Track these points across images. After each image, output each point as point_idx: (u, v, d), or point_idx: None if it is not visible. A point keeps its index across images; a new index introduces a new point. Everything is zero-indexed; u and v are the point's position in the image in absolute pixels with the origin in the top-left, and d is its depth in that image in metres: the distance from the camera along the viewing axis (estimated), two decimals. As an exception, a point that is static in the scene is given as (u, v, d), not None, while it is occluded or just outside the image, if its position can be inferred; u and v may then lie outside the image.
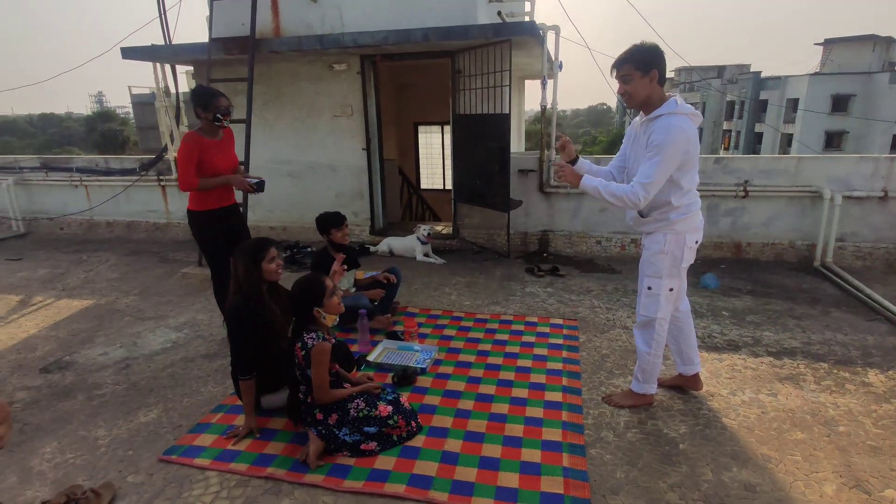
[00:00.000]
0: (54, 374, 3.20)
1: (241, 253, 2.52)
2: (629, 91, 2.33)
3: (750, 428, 2.51)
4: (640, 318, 2.59)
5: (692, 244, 2.44)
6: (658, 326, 2.53)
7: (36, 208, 7.36)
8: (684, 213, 2.39)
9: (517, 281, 4.76)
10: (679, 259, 2.43)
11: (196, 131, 3.25)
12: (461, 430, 2.50)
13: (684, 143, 2.23)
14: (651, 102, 2.34)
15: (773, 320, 3.79)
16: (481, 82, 5.21)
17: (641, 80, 2.29)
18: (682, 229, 2.40)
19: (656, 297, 2.49)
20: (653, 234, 2.47)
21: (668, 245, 2.41)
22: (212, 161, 3.22)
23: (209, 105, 3.19)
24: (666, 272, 2.45)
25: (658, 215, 2.42)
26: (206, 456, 2.35)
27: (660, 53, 2.30)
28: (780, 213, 5.19)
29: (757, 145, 34.80)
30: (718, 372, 3.05)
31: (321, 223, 3.69)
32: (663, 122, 2.26)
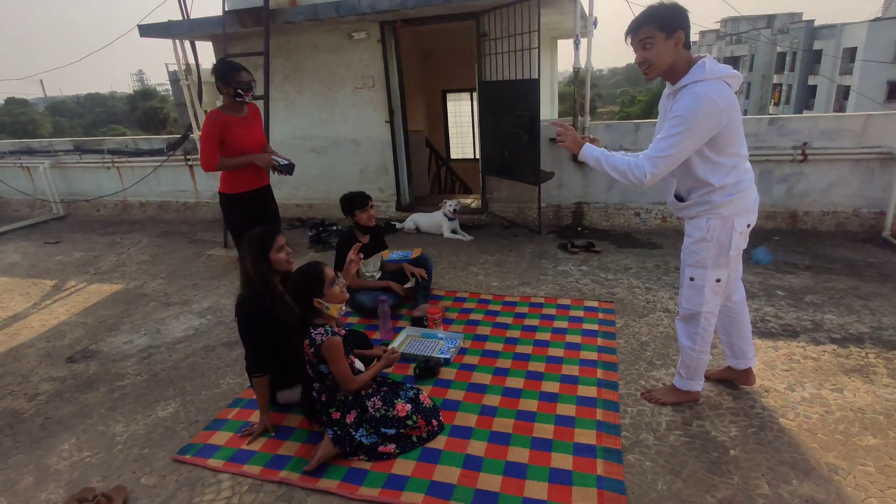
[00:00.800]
0: (79, 363, 3.19)
1: (247, 244, 2.37)
2: (650, 58, 1.95)
3: (812, 431, 2.23)
4: (682, 311, 2.30)
5: (742, 228, 2.09)
6: (703, 321, 2.23)
7: (73, 190, 7.50)
8: (731, 193, 2.03)
9: (549, 258, 4.49)
10: (726, 246, 2.09)
11: (219, 108, 3.12)
12: (486, 431, 2.33)
13: (713, 114, 1.87)
14: (676, 70, 1.97)
15: (836, 301, 3.41)
16: (508, 45, 4.83)
17: (665, 44, 1.92)
18: (728, 213, 2.05)
19: (700, 289, 2.18)
20: (694, 219, 2.14)
21: (711, 231, 2.07)
22: (236, 139, 3.09)
23: (230, 79, 3.05)
24: (711, 262, 2.12)
25: (698, 198, 2.07)
26: (220, 456, 2.26)
27: (684, 12, 1.93)
28: (843, 177, 4.68)
29: (810, 99, 32.37)
30: (773, 363, 2.75)
31: (345, 204, 3.51)
32: (689, 91, 1.91)
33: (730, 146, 1.99)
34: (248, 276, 2.37)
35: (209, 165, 3.03)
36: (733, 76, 1.94)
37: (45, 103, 67.71)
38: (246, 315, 2.32)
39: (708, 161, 2.01)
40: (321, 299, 2.21)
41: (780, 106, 35.20)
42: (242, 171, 3.14)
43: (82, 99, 71.78)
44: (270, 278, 2.38)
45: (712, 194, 2.05)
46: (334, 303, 2.25)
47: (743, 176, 2.05)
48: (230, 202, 3.18)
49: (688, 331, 2.30)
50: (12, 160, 7.54)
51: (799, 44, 32.56)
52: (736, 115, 1.94)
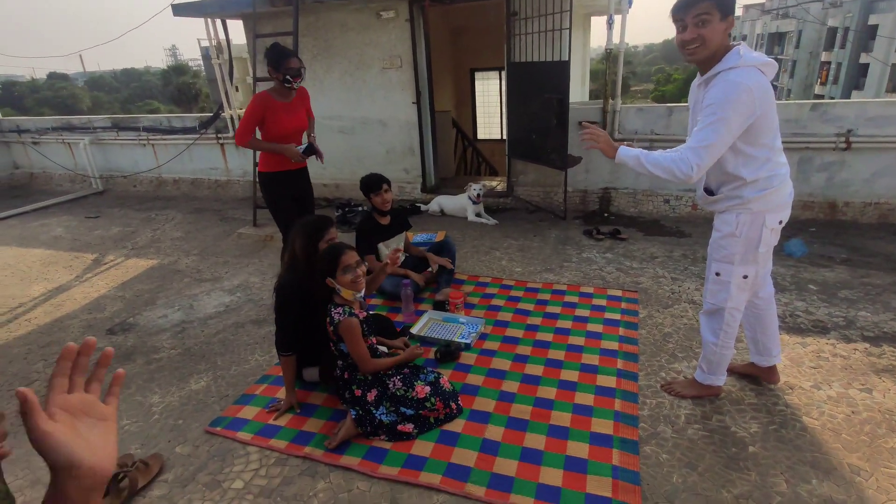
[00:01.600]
0: (118, 335, 3.36)
1: (301, 230, 2.44)
2: (704, 35, 1.85)
3: (836, 430, 2.20)
4: (706, 306, 2.27)
5: (774, 225, 2.03)
6: (728, 316, 2.20)
7: (111, 166, 7.76)
8: (763, 188, 1.97)
9: (573, 245, 4.46)
10: (756, 243, 2.04)
11: (268, 90, 3.25)
12: (504, 416, 2.37)
13: (748, 102, 1.81)
14: (715, 55, 1.91)
15: (873, 297, 3.31)
16: (538, 25, 4.72)
17: (719, 25, 1.85)
18: (759, 208, 1.99)
19: (726, 284, 2.14)
20: (723, 213, 2.08)
21: (740, 227, 2.02)
22: (278, 122, 3.22)
23: (280, 65, 3.15)
24: (738, 258, 2.08)
25: (729, 192, 2.02)
26: (248, 430, 2.37)
27: None
28: (889, 167, 4.46)
29: (861, 78, 30.59)
30: (801, 359, 2.70)
31: (362, 187, 3.55)
32: (722, 78, 1.86)
33: (763, 137, 1.92)
34: (294, 259, 2.43)
35: (242, 140, 3.19)
36: (768, 64, 1.88)
37: (84, 78, 69.59)
38: (286, 297, 2.40)
39: (740, 154, 1.95)
40: (333, 280, 2.27)
41: (828, 86, 33.42)
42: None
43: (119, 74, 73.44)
44: (315, 265, 2.45)
45: (743, 189, 1.99)
46: (346, 288, 2.29)
47: (776, 170, 1.99)
48: (268, 181, 3.33)
49: (711, 326, 2.27)
50: (55, 136, 7.82)
51: (852, 18, 30.68)
52: (771, 105, 1.88)
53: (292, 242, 2.46)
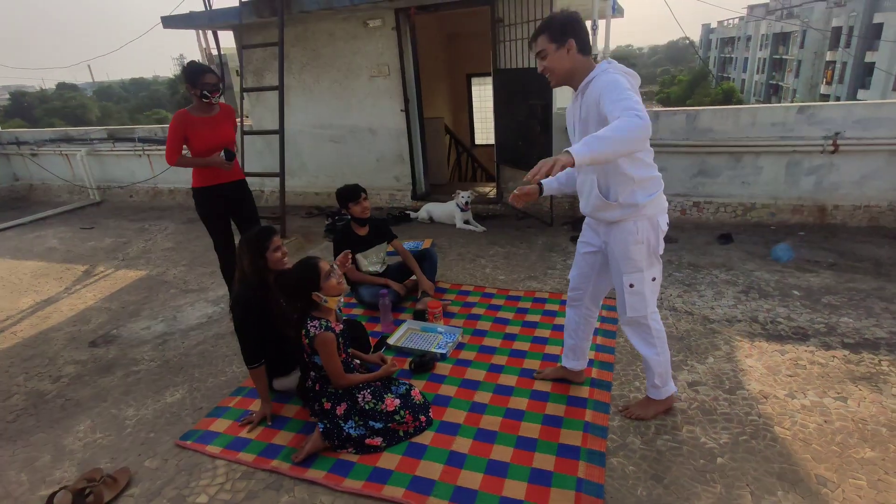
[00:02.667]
0: (100, 347, 3.39)
1: (245, 244, 2.46)
2: (548, 66, 2.00)
3: (806, 441, 2.17)
4: (627, 320, 2.22)
5: (664, 227, 2.09)
6: (653, 323, 2.19)
7: (108, 177, 7.83)
8: (652, 192, 2.01)
9: (559, 252, 4.44)
10: (655, 246, 2.09)
11: (187, 108, 3.25)
12: (473, 428, 2.36)
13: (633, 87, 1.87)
14: (576, 74, 1.99)
15: (857, 303, 3.26)
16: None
17: (558, 53, 1.96)
18: (652, 212, 2.04)
19: (640, 293, 2.13)
20: (620, 223, 2.07)
21: (641, 233, 2.04)
22: (200, 138, 3.22)
23: (196, 82, 3.17)
24: (645, 263, 2.09)
25: (624, 199, 2.01)
26: (218, 443, 2.38)
27: (576, 19, 1.97)
28: (878, 169, 4.42)
29: (867, 77, 30.34)
30: (778, 368, 2.67)
31: (339, 198, 3.56)
32: (598, 79, 1.90)
33: None
34: (244, 274, 2.45)
35: (171, 160, 3.19)
36: (632, 73, 1.95)
37: (93, 88, 70.49)
38: (244, 313, 2.41)
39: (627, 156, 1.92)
40: (319, 293, 2.28)
41: (833, 85, 33.17)
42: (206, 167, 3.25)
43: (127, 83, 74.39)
44: (266, 277, 2.47)
45: (636, 193, 2.00)
46: (332, 295, 2.31)
47: (656, 173, 2.05)
48: (199, 196, 3.32)
49: (642, 337, 2.24)
50: (52, 148, 7.92)
51: (857, 17, 30.47)
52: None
53: (239, 258, 2.47)
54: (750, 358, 2.77)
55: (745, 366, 2.70)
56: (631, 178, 1.98)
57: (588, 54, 1.99)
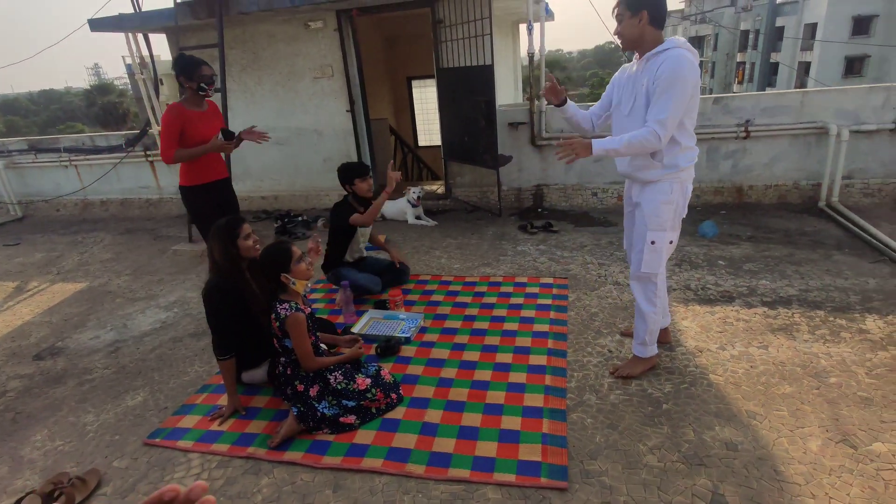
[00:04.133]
0: (46, 360, 3.24)
1: (215, 233, 2.46)
2: (620, 31, 2.22)
3: (737, 384, 2.46)
4: (639, 273, 2.43)
5: (689, 193, 2.34)
6: (660, 282, 2.44)
7: (30, 191, 7.34)
8: (691, 159, 2.26)
9: (509, 240, 4.66)
10: (681, 209, 2.33)
11: (180, 102, 3.16)
12: (442, 400, 2.49)
13: (694, 77, 2.10)
14: (643, 44, 2.19)
15: (772, 268, 3.67)
16: (463, 32, 4.93)
17: (631, 21, 2.16)
18: (686, 177, 2.29)
19: (659, 251, 2.35)
20: (656, 182, 2.29)
21: (674, 194, 2.27)
22: (197, 132, 3.14)
23: (192, 74, 3.09)
24: (669, 224, 2.32)
25: (669, 160, 2.24)
26: (189, 438, 2.37)
27: None
28: (783, 152, 4.96)
29: (773, 76, 33.21)
30: (709, 326, 2.98)
31: (344, 173, 3.54)
32: (670, 55, 2.10)
33: (692, 111, 2.19)
34: (216, 263, 2.46)
35: (167, 156, 3.08)
36: (694, 51, 2.16)
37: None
38: (214, 301, 2.42)
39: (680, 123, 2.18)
40: (288, 275, 2.34)
41: (745, 84, 36.02)
42: (200, 164, 3.19)
43: (35, 96, 68.86)
44: (239, 264, 2.49)
45: (678, 157, 2.22)
46: (300, 279, 2.38)
47: (694, 143, 2.28)
48: (190, 194, 3.25)
49: (647, 294, 2.45)
50: (-36, 161, 7.31)
51: (762, 21, 33.29)
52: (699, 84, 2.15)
53: (210, 249, 2.48)
54: (686, 320, 3.06)
55: (682, 327, 2.99)
56: (678, 144, 2.20)
57: (660, 27, 2.17)
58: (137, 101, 33.75)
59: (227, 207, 3.38)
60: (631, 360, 2.64)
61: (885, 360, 2.55)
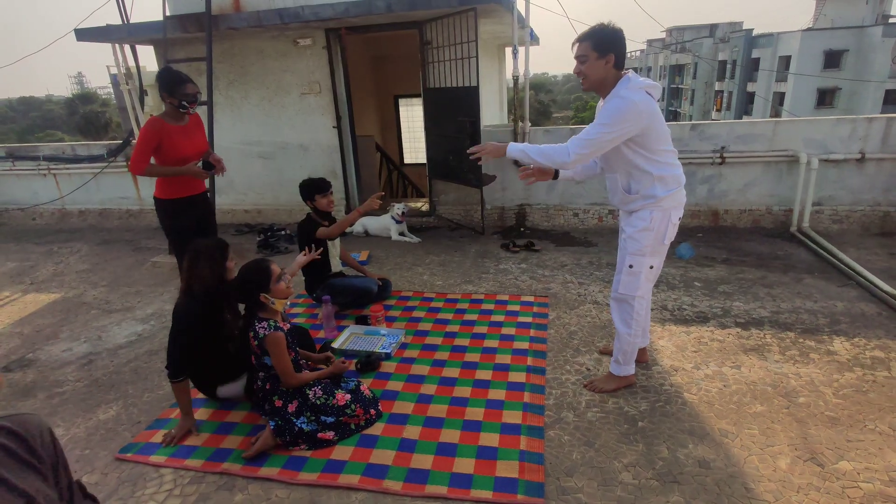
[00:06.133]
0: (15, 372, 3.15)
1: (206, 254, 2.43)
2: (583, 71, 2.26)
3: (710, 402, 2.51)
4: (616, 295, 2.52)
5: (675, 220, 2.40)
6: (637, 305, 2.48)
7: (5, 199, 7.19)
8: (671, 187, 2.32)
9: (491, 258, 4.71)
10: (662, 236, 2.38)
11: (161, 115, 3.15)
12: (421, 416, 2.49)
13: (634, 114, 2.15)
14: (605, 85, 2.27)
15: (745, 290, 3.77)
16: (450, 54, 5.04)
17: (597, 62, 2.22)
18: (668, 206, 2.34)
19: (637, 275, 2.43)
20: (638, 211, 2.38)
21: (653, 222, 2.34)
22: (176, 147, 3.12)
23: (175, 91, 3.07)
24: (649, 249, 2.39)
25: (644, 191, 2.33)
26: (162, 453, 2.32)
27: (620, 36, 2.23)
28: (757, 178, 5.13)
29: (749, 105, 34.41)
30: (685, 345, 3.04)
31: (305, 189, 3.58)
32: (615, 94, 2.22)
33: (657, 143, 2.27)
34: (196, 283, 2.42)
35: (137, 169, 3.05)
36: (653, 86, 2.24)
37: (-27, 107, 63.43)
38: (183, 322, 2.38)
39: (644, 157, 2.28)
40: (267, 294, 2.33)
41: (722, 112, 37.20)
42: (179, 177, 3.18)
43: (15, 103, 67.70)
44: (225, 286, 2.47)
45: (654, 187, 2.30)
46: (279, 298, 2.37)
47: (676, 171, 2.35)
48: (165, 207, 3.21)
49: (623, 316, 2.52)
50: (-62, 167, 7.15)
51: (738, 52, 34.56)
52: (657, 118, 2.23)
53: (193, 268, 2.41)
54: (662, 339, 3.13)
55: (658, 346, 3.05)
56: (650, 175, 2.28)
57: (621, 69, 2.24)
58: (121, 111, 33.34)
59: (203, 223, 3.36)
60: (606, 375, 2.70)
61: (851, 380, 2.63)
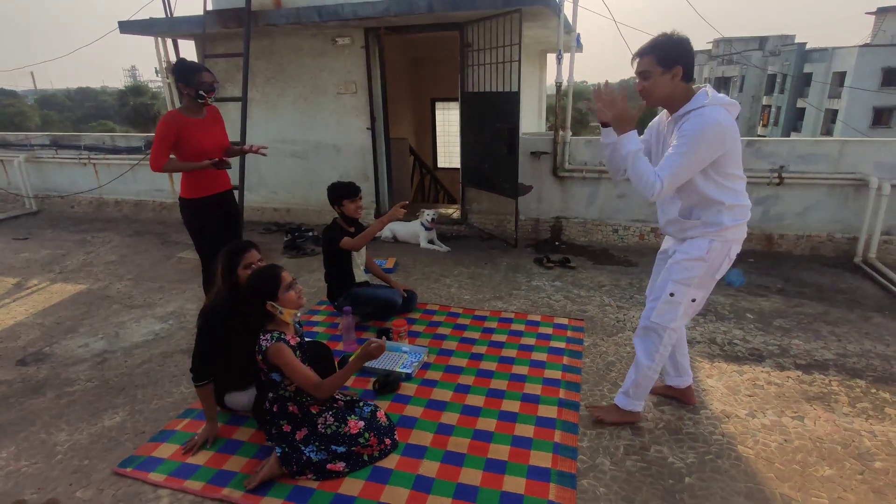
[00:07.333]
0: (30, 366, 3.08)
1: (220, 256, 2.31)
2: (647, 88, 2.00)
3: (769, 460, 2.20)
4: (647, 323, 2.26)
5: (733, 256, 2.12)
6: (666, 338, 2.22)
7: (48, 186, 7.35)
8: (738, 218, 2.05)
9: (524, 273, 4.46)
10: (716, 270, 2.11)
11: (178, 109, 3.05)
12: (440, 450, 2.27)
13: (719, 136, 1.89)
14: (675, 100, 2.01)
15: (805, 326, 3.41)
16: (491, 57, 4.82)
17: (662, 77, 1.96)
18: (731, 237, 2.07)
19: (676, 305, 2.16)
20: (696, 238, 2.11)
21: (711, 253, 2.07)
22: (194, 140, 3.01)
23: (191, 80, 2.97)
24: (697, 281, 2.12)
25: (708, 217, 2.06)
26: (162, 470, 2.17)
27: (687, 47, 1.96)
28: (818, 202, 4.71)
29: (798, 121, 32.97)
30: (737, 387, 2.73)
31: (333, 193, 3.43)
32: (697, 114, 1.93)
33: (730, 168, 2.01)
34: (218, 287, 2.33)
35: (156, 165, 2.96)
36: (733, 104, 1.98)
37: (35, 95, 66.85)
38: (210, 323, 2.27)
39: (716, 182, 2.02)
40: (275, 303, 2.16)
41: (769, 127, 35.78)
42: (202, 175, 3.07)
43: (73, 93, 71.03)
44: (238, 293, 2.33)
45: (722, 214, 2.04)
46: (289, 308, 2.19)
47: (746, 201, 2.09)
48: (191, 206, 3.11)
49: (647, 347, 2.27)
50: (-14, 152, 7.37)
51: (789, 67, 33.19)
52: (737, 141, 1.98)
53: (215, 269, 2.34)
54: (711, 378, 2.82)
55: (706, 385, 2.75)
56: (721, 204, 2.02)
57: (690, 81, 1.99)
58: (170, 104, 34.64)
59: (228, 220, 3.25)
60: (611, 406, 2.46)
61: (938, 445, 2.27)
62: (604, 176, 5.10)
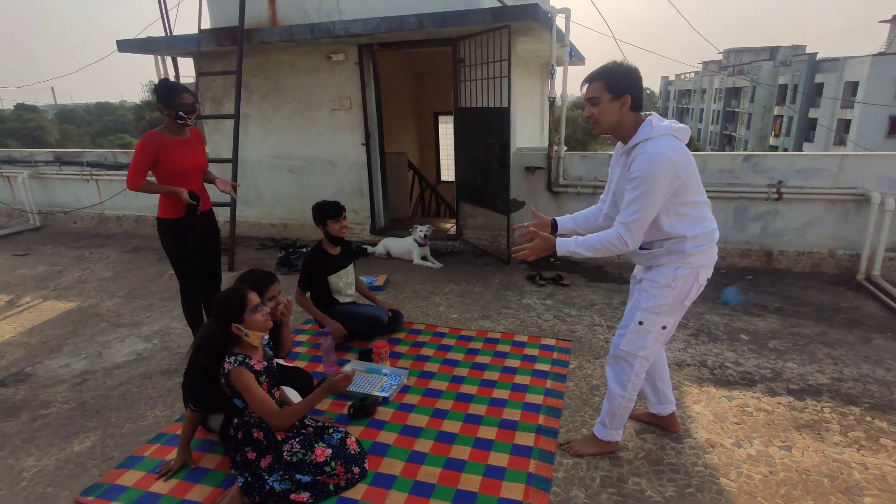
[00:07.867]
0: (9, 387, 3.07)
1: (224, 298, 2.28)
2: (595, 115, 1.95)
3: (752, 493, 2.10)
4: (616, 352, 2.19)
5: (703, 281, 2.05)
6: (638, 366, 2.14)
7: (52, 202, 7.45)
8: (703, 243, 1.98)
9: (515, 290, 4.38)
10: (684, 297, 2.04)
11: (160, 129, 3.04)
12: (410, 480, 2.20)
13: (670, 168, 1.84)
14: (623, 130, 1.96)
15: (801, 347, 3.30)
16: (483, 73, 4.80)
17: (611, 105, 1.92)
18: (697, 263, 2.00)
19: (645, 333, 2.10)
20: (661, 266, 2.05)
21: (677, 280, 2.00)
22: (175, 160, 3.00)
23: (171, 102, 2.96)
24: (666, 308, 2.05)
25: (670, 246, 2.01)
26: (125, 499, 2.13)
27: (636, 76, 1.93)
28: (818, 217, 4.59)
29: (810, 132, 32.55)
30: (725, 414, 2.62)
31: (317, 212, 3.41)
32: (640, 150, 1.88)
33: (690, 195, 1.95)
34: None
35: (133, 184, 2.94)
36: (680, 129, 1.93)
37: (55, 110, 68.50)
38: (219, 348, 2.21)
39: (677, 214, 1.96)
40: (240, 325, 2.11)
41: (781, 138, 35.38)
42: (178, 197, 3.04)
43: (92, 107, 72.64)
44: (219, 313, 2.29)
45: (684, 243, 1.99)
46: (255, 330, 2.15)
47: (710, 226, 2.02)
48: (167, 227, 3.07)
49: (618, 377, 2.20)
50: (-7, 169, 7.50)
51: (801, 76, 32.89)
52: (691, 166, 1.92)
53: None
54: (698, 404, 2.72)
55: (693, 412, 2.65)
56: (683, 237, 1.97)
57: (639, 111, 1.96)
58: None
59: (207, 241, 3.22)
60: (588, 436, 2.38)
61: (934, 480, 2.15)
62: (598, 191, 5.02)
